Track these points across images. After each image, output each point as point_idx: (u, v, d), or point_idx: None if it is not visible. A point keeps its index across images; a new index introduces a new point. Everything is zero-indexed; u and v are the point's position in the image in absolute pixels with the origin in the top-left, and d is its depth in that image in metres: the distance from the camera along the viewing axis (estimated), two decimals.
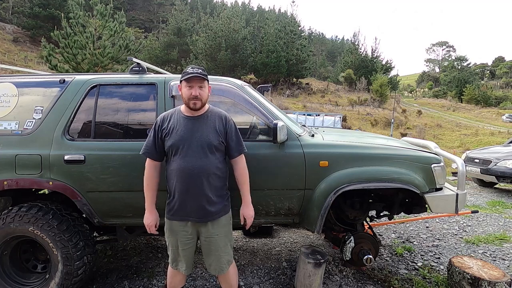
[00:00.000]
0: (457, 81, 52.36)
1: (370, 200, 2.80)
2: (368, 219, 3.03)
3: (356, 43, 47.66)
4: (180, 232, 1.97)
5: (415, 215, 3.63)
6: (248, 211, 2.05)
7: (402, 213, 2.91)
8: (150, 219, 2.03)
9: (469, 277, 2.44)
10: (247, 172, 2.04)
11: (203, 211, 1.91)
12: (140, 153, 2.02)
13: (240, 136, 2.03)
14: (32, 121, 2.38)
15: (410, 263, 3.22)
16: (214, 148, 1.92)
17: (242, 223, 2.07)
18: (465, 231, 4.27)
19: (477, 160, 7.20)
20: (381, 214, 2.93)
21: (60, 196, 2.48)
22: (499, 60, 78.42)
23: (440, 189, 2.56)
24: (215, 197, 1.93)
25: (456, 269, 2.56)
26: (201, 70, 1.92)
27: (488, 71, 77.03)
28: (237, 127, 2.05)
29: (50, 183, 2.29)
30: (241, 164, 2.02)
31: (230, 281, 2.09)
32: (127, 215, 2.43)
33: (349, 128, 20.24)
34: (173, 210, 1.95)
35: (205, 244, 1.99)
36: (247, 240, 3.74)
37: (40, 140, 2.33)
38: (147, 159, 2.01)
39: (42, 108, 2.41)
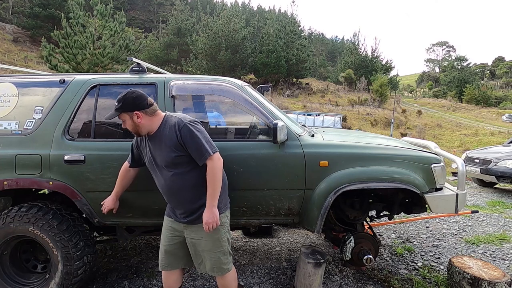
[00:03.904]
0: (457, 81, 52.33)
1: (370, 200, 2.81)
2: (368, 219, 3.03)
3: (356, 43, 47.62)
4: (168, 227, 2.01)
5: (415, 215, 3.63)
6: (205, 215, 1.82)
7: (402, 213, 2.91)
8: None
9: (469, 277, 2.44)
10: (215, 174, 1.82)
11: (183, 217, 1.92)
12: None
13: (200, 141, 1.80)
14: (32, 121, 2.38)
15: (410, 263, 3.22)
16: (172, 165, 1.84)
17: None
18: (465, 231, 4.27)
19: (477, 160, 7.20)
20: (381, 214, 2.93)
21: (60, 196, 2.47)
22: (499, 60, 78.37)
23: (440, 189, 2.56)
24: (192, 206, 1.89)
25: (456, 269, 2.56)
26: (116, 104, 1.82)
27: (488, 71, 77.03)
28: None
29: (50, 183, 2.29)
30: (208, 167, 1.82)
31: (228, 287, 2.06)
32: (127, 215, 2.43)
33: (349, 128, 20.23)
34: (167, 209, 2.05)
35: (191, 246, 1.97)
36: (247, 240, 3.74)
37: (40, 140, 2.33)
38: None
39: (42, 108, 2.41)
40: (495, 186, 7.49)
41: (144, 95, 1.88)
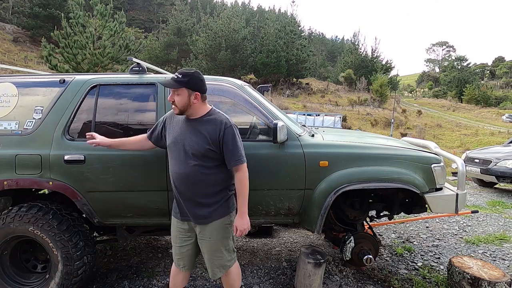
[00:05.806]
0: (457, 81, 52.35)
1: (370, 200, 2.81)
2: (368, 219, 3.03)
3: (356, 43, 47.61)
4: (178, 229, 2.00)
5: (415, 215, 3.63)
6: (239, 223, 1.88)
7: (402, 213, 2.91)
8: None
9: (469, 277, 2.44)
10: (245, 184, 1.88)
11: (192, 213, 1.90)
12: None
13: (239, 147, 1.87)
14: (32, 121, 2.38)
15: (410, 263, 3.22)
16: (200, 155, 1.84)
17: (234, 232, 1.91)
18: (465, 231, 4.27)
19: (477, 160, 7.21)
20: (381, 214, 2.93)
21: (60, 196, 2.47)
22: (499, 60, 78.36)
23: (440, 189, 2.56)
24: (205, 201, 1.88)
25: (456, 269, 2.56)
26: (179, 76, 1.81)
27: (488, 71, 77.04)
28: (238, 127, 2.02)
29: (50, 183, 2.29)
30: (237, 176, 1.88)
31: (232, 283, 2.07)
32: (127, 215, 2.43)
33: (349, 128, 20.23)
34: (174, 209, 2.02)
35: (200, 244, 1.98)
36: (247, 240, 3.74)
37: (40, 140, 2.33)
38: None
39: (42, 108, 2.41)
40: (495, 186, 7.49)
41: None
